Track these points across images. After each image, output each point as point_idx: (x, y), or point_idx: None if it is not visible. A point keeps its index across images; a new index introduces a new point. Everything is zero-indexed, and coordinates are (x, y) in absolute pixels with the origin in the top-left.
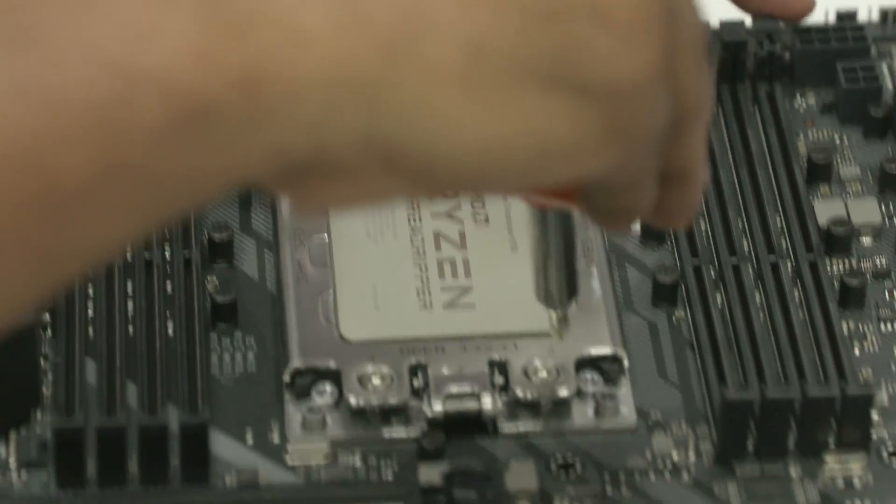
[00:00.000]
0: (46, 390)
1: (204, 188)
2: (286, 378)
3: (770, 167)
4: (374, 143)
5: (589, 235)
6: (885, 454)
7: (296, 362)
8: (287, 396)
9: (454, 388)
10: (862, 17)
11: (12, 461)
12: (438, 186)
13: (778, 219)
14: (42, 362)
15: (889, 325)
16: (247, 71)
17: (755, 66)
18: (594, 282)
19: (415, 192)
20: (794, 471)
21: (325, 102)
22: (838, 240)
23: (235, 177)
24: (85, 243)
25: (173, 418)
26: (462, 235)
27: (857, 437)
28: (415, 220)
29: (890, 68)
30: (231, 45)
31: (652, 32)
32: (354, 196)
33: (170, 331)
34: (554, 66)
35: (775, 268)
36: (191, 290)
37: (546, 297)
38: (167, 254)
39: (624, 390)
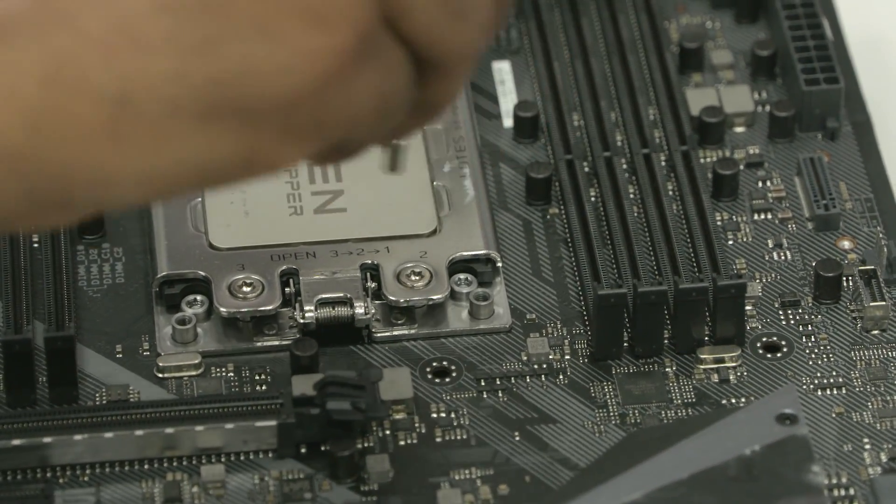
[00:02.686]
0: None
1: None
2: (155, 288)
3: (643, 55)
4: (37, 199)
5: (461, 135)
6: (759, 347)
7: (164, 270)
8: (157, 308)
9: (326, 295)
10: None
11: None
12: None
13: (651, 110)
14: None
15: (762, 215)
16: None
17: None
18: (467, 182)
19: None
20: (669, 368)
21: None
22: (711, 129)
23: None
24: None
25: (39, 334)
26: None
27: (730, 330)
28: None
29: None
30: None
31: (341, 16)
32: (31, 228)
33: (35, 243)
34: (210, 98)
35: (648, 160)
36: None
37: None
38: None
39: (498, 290)
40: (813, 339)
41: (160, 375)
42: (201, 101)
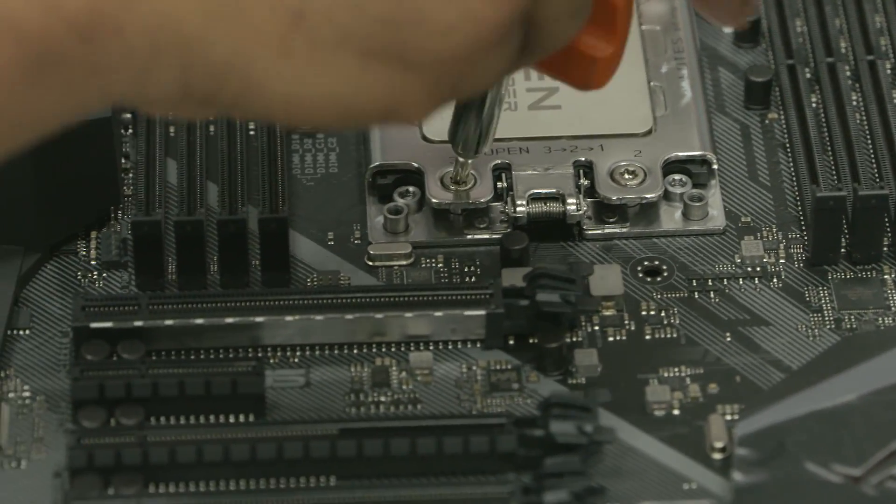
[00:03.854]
0: (127, 190)
1: (43, 128)
2: (368, 178)
3: None
4: (188, 91)
5: (679, 37)
6: None
7: (377, 160)
8: (369, 198)
9: (539, 190)
10: None
11: (93, 262)
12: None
13: (877, 18)
14: (123, 162)
15: None
16: (86, 17)
17: None
18: (684, 83)
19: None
20: (888, 276)
21: (149, 53)
22: None
23: (69, 117)
24: None
25: (253, 219)
26: None
27: None
28: None
29: None
30: None
31: None
32: (166, 114)
33: (251, 131)
34: (379, 37)
35: (872, 66)
36: None
37: (452, 139)
38: None
39: (713, 192)
40: None
41: (371, 263)
42: (370, 38)
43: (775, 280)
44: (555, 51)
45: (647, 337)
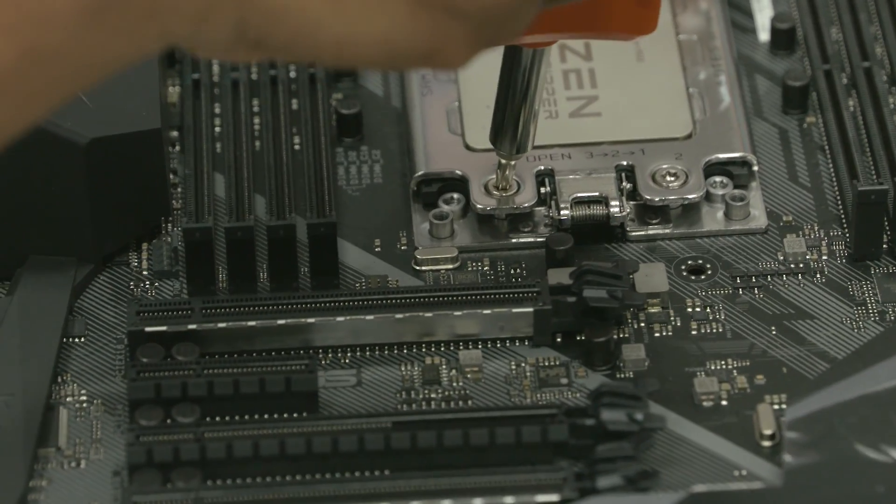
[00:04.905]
0: (176, 203)
1: (105, 70)
2: (413, 187)
3: None
4: (243, 34)
5: (716, 45)
6: None
7: (422, 170)
8: (414, 206)
9: (582, 194)
10: None
11: (145, 272)
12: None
13: None
14: (171, 177)
15: None
16: None
17: None
18: (722, 89)
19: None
20: None
21: None
22: None
23: (129, 60)
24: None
25: (301, 227)
26: (587, 46)
27: None
28: None
29: None
30: None
31: None
32: (212, 57)
33: (296, 145)
34: None
35: None
36: (316, 105)
37: (494, 139)
38: (292, 72)
39: (754, 193)
40: None
41: (418, 268)
42: None
43: (818, 276)
44: None
45: (693, 332)
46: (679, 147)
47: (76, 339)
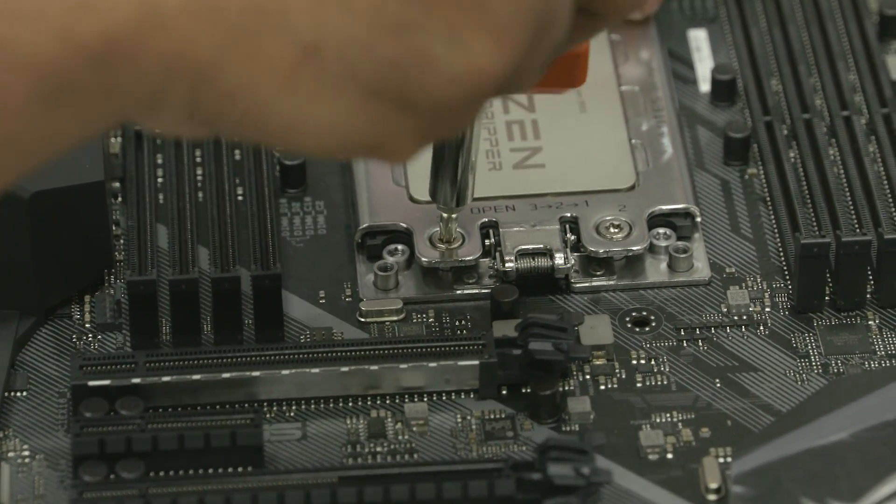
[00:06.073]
0: (119, 255)
1: (57, 149)
2: (357, 239)
3: (842, 23)
4: (196, 114)
5: (658, 96)
6: None
7: (366, 222)
8: (358, 258)
9: (526, 246)
10: None
11: (88, 325)
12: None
13: (850, 75)
14: (114, 229)
15: None
16: (102, 45)
17: None
18: (664, 140)
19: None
20: (872, 322)
21: (162, 78)
22: None
23: (82, 138)
24: None
25: (245, 279)
26: (530, 98)
27: None
28: None
29: None
30: (92, 20)
31: (513, 34)
32: (170, 134)
33: (239, 196)
34: (385, 78)
35: (848, 122)
36: (259, 155)
37: (433, 192)
38: None
39: (697, 245)
40: None
41: (363, 320)
42: (376, 77)
43: (762, 328)
44: (613, 13)
45: (639, 384)
46: (622, 198)
47: (18, 393)
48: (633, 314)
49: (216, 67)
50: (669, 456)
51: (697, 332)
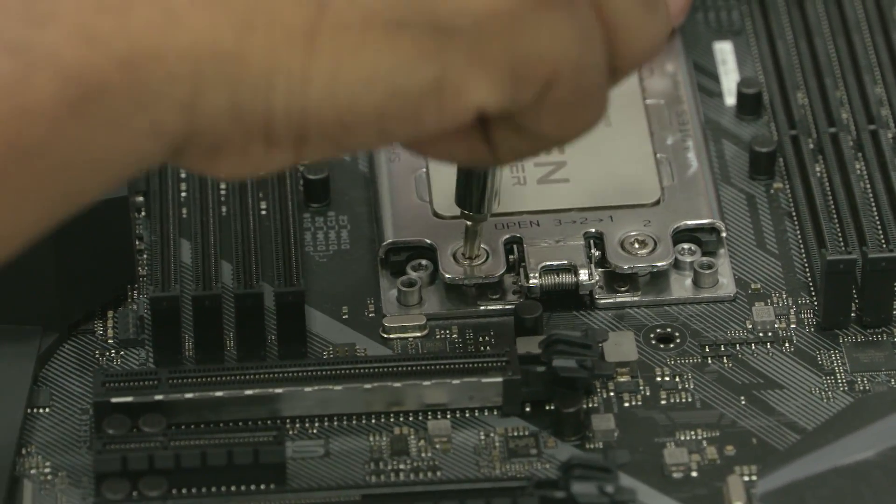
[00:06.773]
0: (142, 270)
1: (102, 171)
2: (380, 254)
3: (868, 35)
4: (239, 115)
5: (683, 109)
6: None
7: (390, 238)
8: (382, 273)
9: (550, 262)
10: None
11: (110, 341)
12: (316, 148)
13: (877, 88)
14: (137, 244)
15: None
16: (126, 47)
17: None
18: (690, 154)
19: (297, 158)
20: None
21: (192, 78)
22: None
23: (127, 159)
24: None
25: (268, 295)
26: None
27: None
28: None
29: None
30: (116, 24)
31: None
32: (241, 170)
33: (263, 210)
34: (401, 7)
35: (875, 136)
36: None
37: (459, 203)
38: None
39: (722, 260)
40: None
41: (386, 336)
42: (395, 9)
43: (787, 344)
44: (642, 60)
45: (663, 402)
46: (647, 213)
47: (41, 410)
48: (658, 331)
49: (241, 50)
50: (694, 474)
51: (722, 349)
